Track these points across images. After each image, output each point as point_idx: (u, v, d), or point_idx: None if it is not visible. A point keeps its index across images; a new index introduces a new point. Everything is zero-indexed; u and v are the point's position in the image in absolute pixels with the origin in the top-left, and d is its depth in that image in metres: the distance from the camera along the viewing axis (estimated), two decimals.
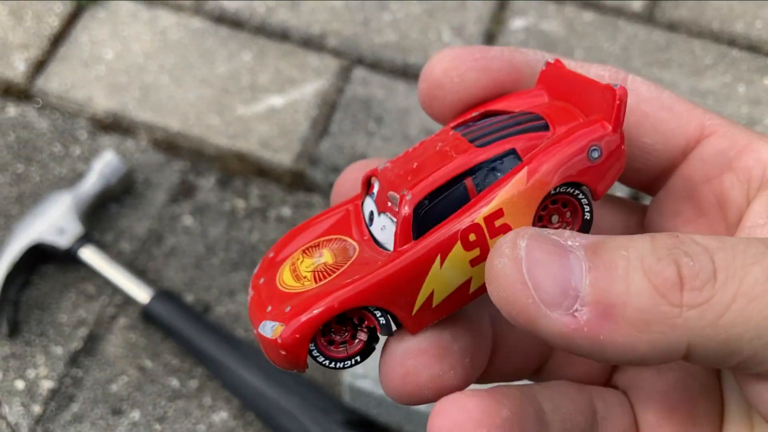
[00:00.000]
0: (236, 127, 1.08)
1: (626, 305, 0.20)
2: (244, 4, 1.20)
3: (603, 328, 0.20)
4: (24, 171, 1.05)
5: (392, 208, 0.25)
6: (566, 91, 0.26)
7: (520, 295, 0.20)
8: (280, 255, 0.27)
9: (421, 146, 0.26)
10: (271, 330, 0.23)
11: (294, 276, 0.25)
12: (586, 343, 0.20)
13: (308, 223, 0.28)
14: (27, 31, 1.17)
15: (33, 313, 0.94)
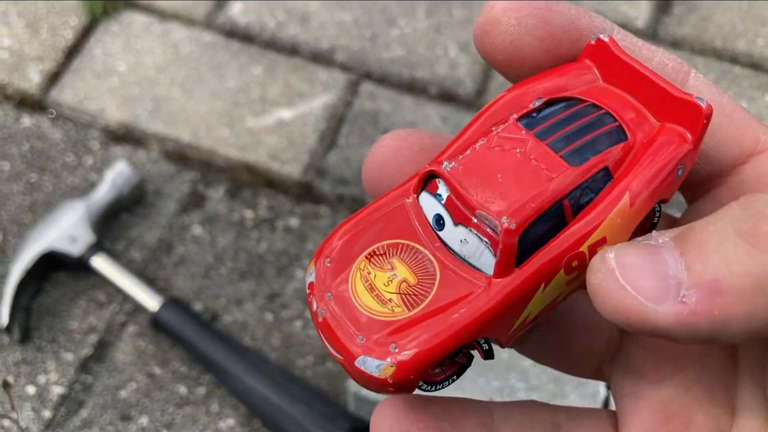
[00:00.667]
0: (246, 139, 1.10)
1: (730, 275, 0.19)
2: (254, 18, 1.23)
3: (715, 305, 0.20)
4: (37, 180, 1.07)
5: (481, 227, 0.23)
6: (625, 79, 0.25)
7: (625, 301, 0.20)
8: (339, 261, 0.24)
9: (493, 147, 0.24)
10: (378, 369, 0.22)
11: (374, 296, 0.23)
12: (705, 325, 0.20)
13: (361, 220, 0.25)
14: (42, 43, 1.19)
15: (44, 320, 0.95)
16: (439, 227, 0.24)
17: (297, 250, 1.02)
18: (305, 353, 0.94)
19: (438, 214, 0.24)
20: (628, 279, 0.21)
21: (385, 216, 0.25)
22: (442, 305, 0.23)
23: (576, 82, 0.25)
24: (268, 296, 0.98)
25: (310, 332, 0.96)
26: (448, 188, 0.24)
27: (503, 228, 0.22)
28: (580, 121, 0.24)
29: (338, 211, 1.05)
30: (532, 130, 0.24)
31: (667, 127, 0.24)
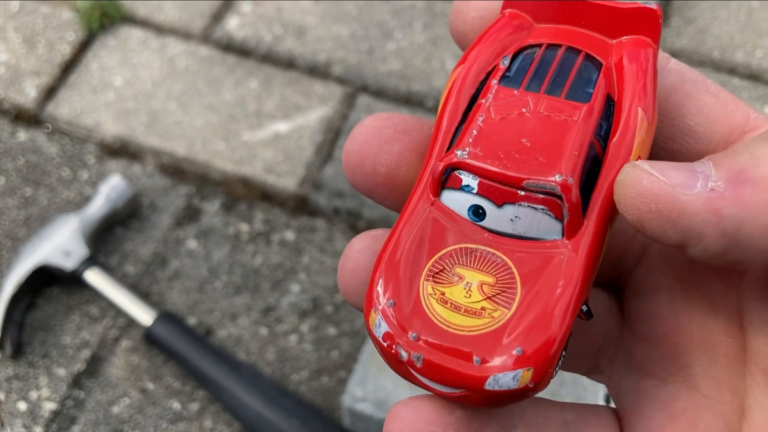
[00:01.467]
0: (241, 153, 1.10)
1: (757, 167, 0.19)
2: (251, 32, 1.23)
3: (745, 191, 0.19)
4: (32, 194, 1.06)
5: (531, 197, 0.22)
6: (557, 14, 0.24)
7: (654, 186, 0.20)
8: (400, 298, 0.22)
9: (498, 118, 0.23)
10: (515, 381, 0.20)
11: (464, 313, 0.21)
12: (733, 212, 0.19)
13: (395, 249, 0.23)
14: (39, 58, 1.20)
15: (37, 335, 0.95)
16: (478, 217, 0.23)
17: (292, 263, 1.01)
18: (300, 368, 0.93)
19: (474, 204, 0.23)
20: (656, 168, 0.20)
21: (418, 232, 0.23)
22: (537, 288, 0.22)
23: (515, 34, 0.25)
24: (263, 310, 0.97)
25: (305, 347, 0.95)
26: (477, 175, 0.22)
27: (563, 185, 0.21)
28: (554, 62, 0.24)
29: (334, 224, 1.04)
30: (521, 87, 0.23)
31: (625, 41, 0.24)
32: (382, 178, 0.24)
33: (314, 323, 0.96)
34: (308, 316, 0.97)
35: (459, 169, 0.23)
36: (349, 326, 0.96)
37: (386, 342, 0.21)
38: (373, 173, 0.24)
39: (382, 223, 1.04)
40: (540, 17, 0.25)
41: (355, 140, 0.24)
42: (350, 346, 0.95)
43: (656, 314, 0.25)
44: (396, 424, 0.22)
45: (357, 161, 0.24)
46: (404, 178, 0.24)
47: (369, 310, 0.22)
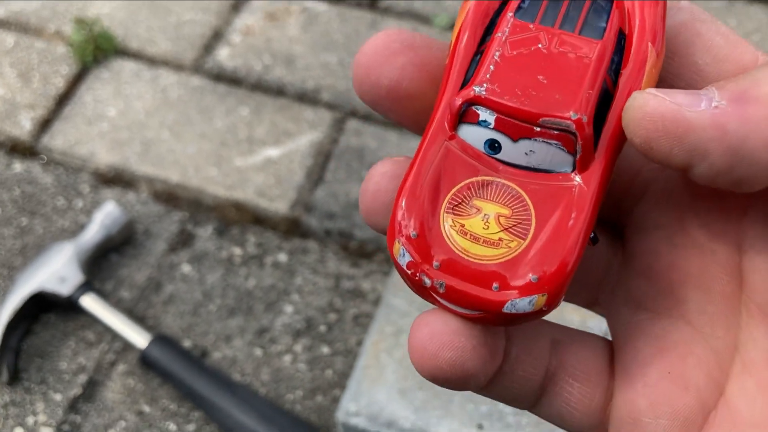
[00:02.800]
0: (234, 178, 1.12)
1: (757, 86, 0.20)
2: (241, 62, 1.26)
3: (748, 107, 0.20)
4: (28, 224, 1.08)
5: (546, 133, 0.23)
6: None
7: (660, 105, 0.21)
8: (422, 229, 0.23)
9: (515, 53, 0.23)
10: (531, 304, 0.22)
11: (483, 243, 0.23)
12: (738, 125, 0.20)
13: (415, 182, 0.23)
14: (34, 92, 1.22)
15: (33, 361, 0.95)
16: (494, 151, 0.23)
17: (285, 285, 1.02)
18: (294, 387, 0.94)
19: (490, 139, 0.23)
20: (663, 92, 0.21)
21: (437, 166, 0.23)
22: (550, 219, 0.23)
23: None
24: (256, 332, 0.99)
25: (299, 366, 0.96)
26: (494, 111, 0.23)
27: (578, 122, 0.22)
28: None
29: (326, 245, 1.06)
30: (536, 21, 0.24)
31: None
32: (385, 90, 0.24)
33: (308, 343, 0.98)
34: (302, 336, 0.98)
35: (476, 105, 0.23)
36: (343, 345, 0.97)
37: (410, 270, 0.23)
38: (377, 85, 0.24)
39: (373, 244, 1.06)
40: None
41: (363, 53, 0.25)
42: (344, 365, 0.96)
43: (655, 251, 0.25)
44: (425, 331, 0.22)
45: (363, 73, 0.24)
46: (406, 90, 0.24)
47: (393, 240, 0.23)
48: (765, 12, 1.30)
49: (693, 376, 0.24)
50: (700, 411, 0.24)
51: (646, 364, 0.24)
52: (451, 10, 1.32)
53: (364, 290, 1.02)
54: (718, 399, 0.24)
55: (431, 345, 0.22)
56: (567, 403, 0.25)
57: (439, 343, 0.22)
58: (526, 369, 0.25)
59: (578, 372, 0.25)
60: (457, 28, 0.25)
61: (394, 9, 1.33)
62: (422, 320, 0.23)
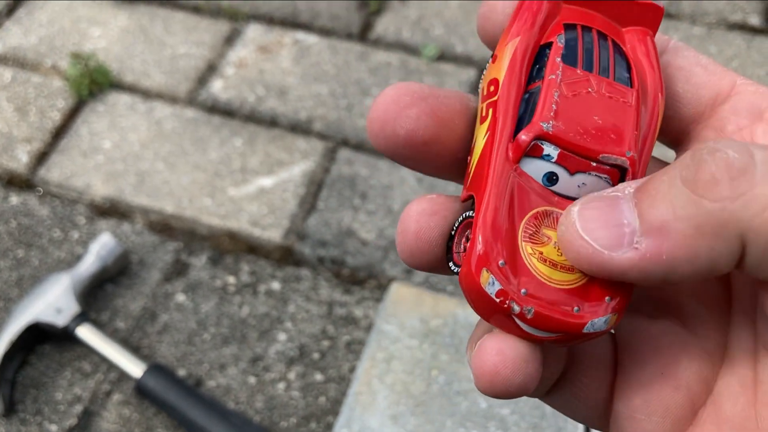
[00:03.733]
0: (227, 208, 1.14)
1: (675, 220, 0.21)
2: (235, 94, 1.28)
3: (663, 248, 0.21)
4: (24, 255, 1.09)
5: (601, 168, 0.25)
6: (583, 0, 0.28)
7: (583, 250, 0.23)
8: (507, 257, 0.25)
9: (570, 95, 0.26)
10: (606, 323, 0.24)
11: (560, 269, 0.25)
12: (655, 268, 0.22)
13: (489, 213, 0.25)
14: (31, 125, 1.24)
15: (29, 392, 0.96)
16: (551, 183, 0.26)
17: (279, 313, 1.04)
18: (288, 415, 0.95)
19: (550, 171, 0.25)
20: (586, 230, 0.23)
21: (507, 198, 0.25)
22: None
23: (550, 11, 0.28)
24: (250, 360, 1.00)
25: (293, 394, 0.97)
26: (558, 146, 0.25)
27: (631, 159, 0.25)
28: (594, 43, 0.27)
29: (319, 272, 1.07)
30: (578, 67, 0.27)
31: (631, 30, 0.28)
32: (402, 140, 0.26)
33: (301, 370, 0.99)
34: (295, 364, 0.99)
35: (541, 140, 0.25)
36: (336, 372, 0.98)
37: (499, 297, 0.24)
38: (393, 136, 0.26)
39: (365, 271, 1.07)
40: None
41: (376, 108, 0.26)
42: (337, 392, 0.97)
43: None
44: (497, 357, 0.24)
45: (379, 127, 0.26)
46: (422, 138, 0.26)
47: (479, 270, 0.24)
48: (744, 39, 1.34)
49: (685, 377, 0.26)
50: (690, 409, 0.25)
51: (641, 363, 0.26)
52: (439, 42, 1.35)
53: (357, 317, 1.03)
54: (707, 397, 0.25)
55: (505, 370, 0.24)
56: (576, 396, 0.27)
57: (513, 369, 0.24)
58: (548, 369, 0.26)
59: (587, 367, 0.27)
60: (498, 69, 0.27)
61: (384, 41, 1.36)
62: (490, 344, 0.24)
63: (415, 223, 0.26)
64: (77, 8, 1.42)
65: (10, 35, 1.37)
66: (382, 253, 1.09)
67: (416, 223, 0.26)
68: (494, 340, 0.24)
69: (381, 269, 1.07)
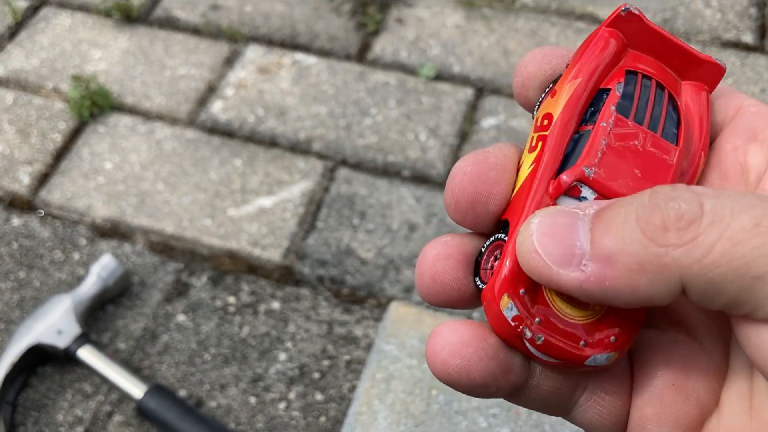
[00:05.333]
0: (228, 228, 1.14)
1: (622, 253, 0.23)
2: (234, 114, 1.29)
3: (606, 276, 0.23)
4: (26, 277, 1.10)
5: None
6: (650, 45, 0.29)
7: (535, 262, 0.24)
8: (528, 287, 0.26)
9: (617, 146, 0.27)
10: (608, 360, 0.26)
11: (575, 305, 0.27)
12: (596, 291, 0.23)
13: None
14: (32, 147, 1.25)
15: (30, 415, 0.96)
16: None
17: (279, 332, 1.04)
18: None
19: None
20: (541, 243, 0.24)
21: None
22: None
23: (614, 53, 0.29)
24: (251, 380, 1.00)
25: (293, 414, 0.97)
26: (595, 191, 0.26)
27: None
28: (650, 95, 0.28)
29: (318, 292, 1.08)
30: (630, 118, 0.28)
31: (690, 84, 0.29)
32: (493, 216, 0.28)
33: (302, 390, 0.99)
34: (296, 384, 0.99)
35: (581, 183, 0.27)
36: (336, 392, 0.99)
37: (515, 322, 0.26)
38: (485, 214, 0.28)
39: (364, 290, 1.08)
40: (633, 42, 0.29)
41: (463, 189, 0.28)
42: (337, 412, 0.97)
43: None
44: (438, 341, 0.26)
45: (468, 205, 0.28)
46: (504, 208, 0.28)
47: (501, 294, 0.26)
48: (738, 57, 1.35)
49: (694, 387, 0.26)
50: (699, 419, 0.26)
51: (653, 375, 0.27)
52: (436, 61, 1.36)
53: (357, 336, 1.03)
54: (714, 408, 0.26)
55: (443, 352, 0.25)
56: (600, 415, 0.28)
57: (450, 351, 0.25)
58: (551, 383, 0.27)
59: (608, 385, 0.28)
60: (553, 107, 0.28)
61: (381, 61, 1.37)
62: (438, 329, 0.26)
63: (431, 267, 0.27)
64: (78, 31, 1.43)
65: (12, 58, 1.39)
66: (382, 272, 1.09)
67: (432, 267, 0.27)
68: (441, 325, 0.26)
69: (380, 288, 1.08)
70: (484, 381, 0.26)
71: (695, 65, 0.28)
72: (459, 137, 1.25)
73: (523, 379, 0.27)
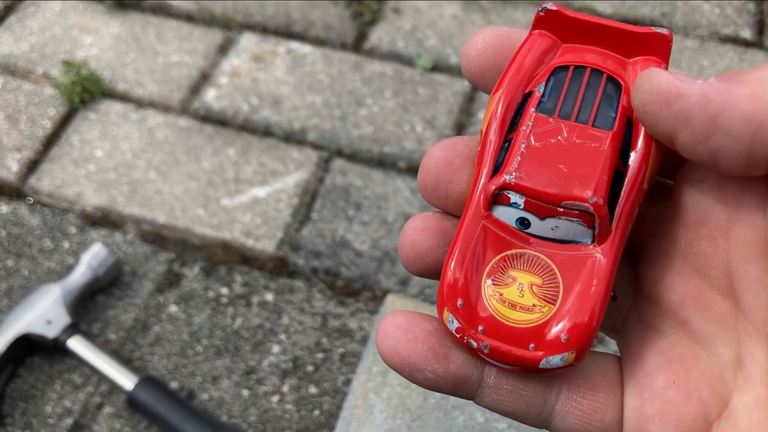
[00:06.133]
0: (221, 218, 1.13)
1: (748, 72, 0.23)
2: (228, 103, 1.27)
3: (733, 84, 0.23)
4: (14, 266, 1.08)
5: (569, 213, 0.26)
6: (582, 35, 0.28)
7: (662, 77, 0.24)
8: (466, 298, 0.27)
9: (538, 145, 0.27)
10: (563, 361, 0.26)
11: (519, 309, 0.26)
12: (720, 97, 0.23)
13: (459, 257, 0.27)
14: (21, 133, 1.23)
15: (18, 406, 0.95)
16: (524, 227, 0.27)
17: (272, 324, 1.03)
18: (282, 428, 0.94)
19: (521, 217, 0.27)
20: (672, 72, 0.25)
21: (477, 241, 0.27)
22: (576, 287, 0.26)
23: (544, 53, 0.28)
24: (244, 372, 0.99)
25: (287, 407, 0.96)
26: (523, 195, 0.26)
27: (595, 205, 0.26)
28: (581, 87, 0.28)
29: (312, 284, 1.06)
30: (554, 115, 0.27)
31: (639, 60, 0.28)
32: (453, 201, 0.29)
33: (295, 383, 0.98)
34: (289, 377, 0.98)
35: (507, 189, 0.27)
36: (330, 385, 0.98)
37: (459, 334, 0.27)
38: (445, 197, 0.29)
39: (359, 282, 1.07)
40: (566, 37, 0.28)
41: (429, 170, 0.29)
42: (331, 405, 0.96)
43: (658, 277, 0.28)
44: (380, 327, 0.27)
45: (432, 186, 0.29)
46: None
47: (442, 308, 0.27)
48: (736, 52, 1.35)
49: (697, 388, 0.26)
50: (703, 421, 0.26)
51: (652, 374, 0.27)
52: (433, 52, 1.35)
53: (351, 329, 1.02)
54: (722, 412, 0.25)
55: (380, 335, 0.27)
56: (580, 420, 0.27)
57: (383, 333, 0.27)
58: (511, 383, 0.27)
59: (585, 389, 0.27)
60: (486, 120, 0.28)
61: (378, 51, 1.36)
62: (384, 318, 0.27)
63: (409, 236, 0.29)
64: (69, 16, 1.40)
65: (1, 43, 1.36)
66: (377, 264, 1.08)
67: (410, 237, 0.29)
68: (388, 314, 0.28)
69: (375, 280, 1.06)
70: (413, 361, 0.27)
71: (637, 41, 0.28)
72: (455, 129, 1.24)
73: (471, 374, 0.27)
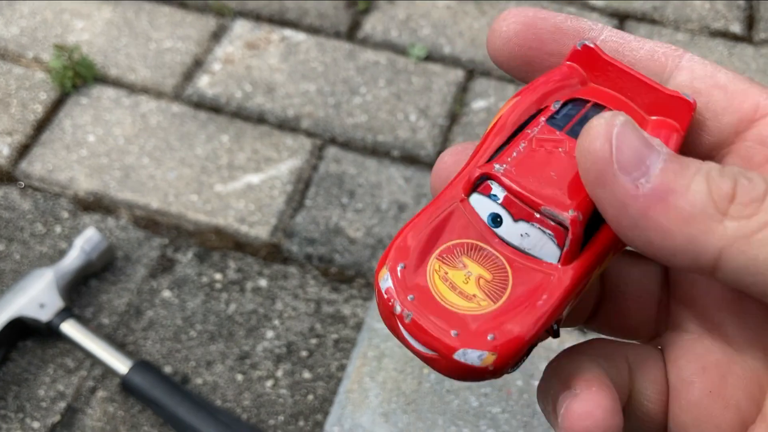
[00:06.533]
0: (214, 204, 1.13)
1: (682, 195, 0.22)
2: (222, 90, 1.27)
3: (656, 206, 0.22)
4: (5, 250, 1.07)
5: (544, 221, 0.25)
6: (612, 80, 0.27)
7: (602, 151, 0.22)
8: (411, 264, 0.25)
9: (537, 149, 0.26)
10: (480, 359, 0.24)
11: (458, 293, 0.25)
12: (636, 214, 0.22)
13: (420, 224, 0.26)
14: (12, 117, 1.22)
15: (10, 389, 0.94)
16: (495, 225, 0.26)
17: (266, 310, 1.03)
18: (276, 413, 0.94)
19: (495, 213, 0.26)
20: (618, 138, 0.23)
21: (443, 218, 0.26)
22: (523, 295, 0.25)
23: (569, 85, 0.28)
24: (238, 357, 0.99)
25: (281, 392, 0.96)
26: (505, 189, 0.26)
27: (572, 219, 0.25)
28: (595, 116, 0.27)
29: (306, 270, 1.07)
30: (563, 130, 0.27)
31: (658, 120, 0.27)
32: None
33: (289, 368, 0.98)
34: (283, 362, 0.99)
35: (492, 180, 0.26)
36: (324, 370, 0.98)
37: (386, 295, 0.25)
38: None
39: (353, 269, 1.07)
40: (595, 77, 0.28)
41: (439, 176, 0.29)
42: (325, 390, 0.96)
43: (692, 281, 0.27)
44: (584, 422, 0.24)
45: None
46: None
47: (382, 264, 0.25)
48: (726, 46, 1.36)
49: (733, 395, 0.26)
50: (740, 428, 0.25)
51: (689, 382, 0.26)
52: (427, 42, 1.35)
53: (345, 315, 1.03)
54: (758, 415, 0.25)
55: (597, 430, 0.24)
56: (641, 421, 0.27)
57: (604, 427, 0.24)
58: None
59: (651, 390, 0.27)
60: (495, 118, 0.28)
61: (371, 40, 1.36)
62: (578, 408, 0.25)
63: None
64: None
65: None
66: (371, 251, 1.09)
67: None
68: (581, 404, 0.25)
69: (369, 268, 1.07)
70: None
71: (662, 100, 0.27)
72: (449, 118, 1.25)
73: None
